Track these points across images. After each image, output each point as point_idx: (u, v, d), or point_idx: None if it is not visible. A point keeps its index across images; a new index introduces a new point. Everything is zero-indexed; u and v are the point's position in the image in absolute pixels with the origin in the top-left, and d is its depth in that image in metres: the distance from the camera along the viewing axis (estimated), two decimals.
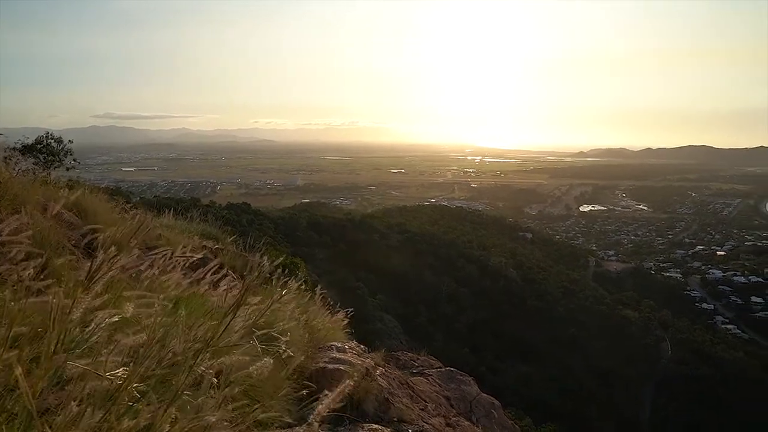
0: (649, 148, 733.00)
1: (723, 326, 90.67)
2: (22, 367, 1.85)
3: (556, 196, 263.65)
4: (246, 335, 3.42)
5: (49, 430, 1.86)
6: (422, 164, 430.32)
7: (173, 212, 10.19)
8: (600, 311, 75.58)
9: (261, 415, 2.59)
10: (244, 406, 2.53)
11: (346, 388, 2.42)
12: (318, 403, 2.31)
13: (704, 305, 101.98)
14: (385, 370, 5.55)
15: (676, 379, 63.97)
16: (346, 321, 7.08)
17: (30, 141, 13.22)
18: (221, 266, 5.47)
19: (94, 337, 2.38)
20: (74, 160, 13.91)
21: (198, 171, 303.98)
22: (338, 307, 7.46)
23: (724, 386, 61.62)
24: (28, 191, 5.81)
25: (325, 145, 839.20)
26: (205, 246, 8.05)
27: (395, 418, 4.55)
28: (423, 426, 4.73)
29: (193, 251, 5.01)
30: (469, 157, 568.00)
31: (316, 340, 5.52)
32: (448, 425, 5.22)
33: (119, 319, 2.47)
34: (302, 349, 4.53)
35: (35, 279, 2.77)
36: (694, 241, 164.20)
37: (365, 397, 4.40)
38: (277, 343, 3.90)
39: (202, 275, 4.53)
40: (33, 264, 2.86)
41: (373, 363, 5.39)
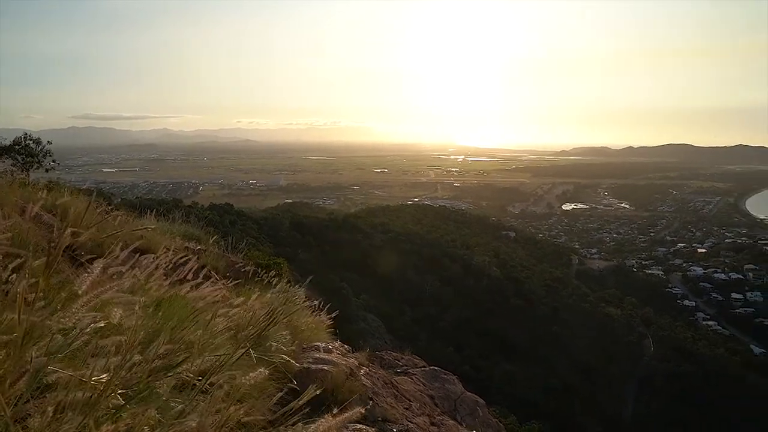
0: (630, 147, 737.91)
1: (704, 323, 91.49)
2: None
3: (538, 195, 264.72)
4: (229, 337, 3.40)
5: None
6: (405, 163, 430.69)
7: (155, 213, 10.11)
8: (583, 309, 75.98)
9: (245, 418, 2.58)
10: (228, 407, 2.51)
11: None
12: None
13: (686, 302, 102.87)
14: (370, 370, 5.54)
15: (659, 376, 64.44)
16: (329, 321, 7.07)
17: (7, 142, 13.06)
18: (204, 267, 5.43)
19: (77, 342, 2.35)
20: (53, 161, 13.79)
21: (180, 172, 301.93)
22: (322, 308, 7.44)
23: (705, 383, 62.14)
24: (6, 193, 5.73)
25: (308, 145, 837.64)
26: (187, 247, 8.01)
27: (380, 418, 4.55)
28: (407, 425, 4.73)
29: (176, 252, 4.97)
30: (452, 156, 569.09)
31: (300, 340, 5.50)
32: (433, 424, 5.22)
33: (104, 324, 2.44)
34: (286, 349, 4.50)
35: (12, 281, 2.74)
36: (675, 238, 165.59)
37: (349, 396, 4.38)
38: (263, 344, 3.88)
39: (185, 276, 4.50)
40: (11, 265, 2.83)
41: (357, 363, 5.39)
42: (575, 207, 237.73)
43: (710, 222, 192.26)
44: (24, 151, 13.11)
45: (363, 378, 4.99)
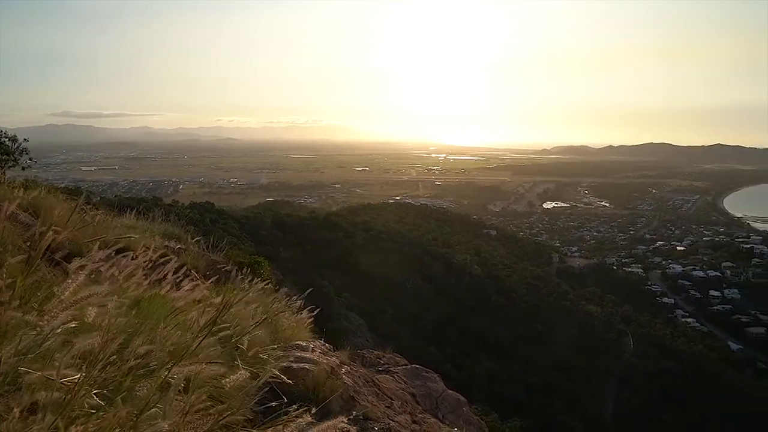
0: (610, 146, 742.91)
1: (683, 320, 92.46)
2: None
3: (519, 194, 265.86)
4: (209, 336, 3.37)
5: None
6: (386, 162, 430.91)
7: (135, 212, 10.02)
8: (564, 307, 76.43)
9: (228, 418, 2.55)
10: (208, 407, 2.49)
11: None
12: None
13: (665, 299, 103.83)
14: (351, 369, 5.53)
15: (639, 373, 64.99)
16: (310, 320, 7.05)
17: None
18: (184, 266, 5.39)
19: (48, 342, 2.31)
20: (30, 159, 13.60)
21: (160, 170, 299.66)
22: (303, 306, 7.42)
23: (684, 379, 62.76)
24: None
25: (289, 143, 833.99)
26: (167, 246, 7.94)
27: (361, 416, 4.54)
28: (389, 423, 4.72)
29: (156, 251, 4.93)
30: (433, 155, 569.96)
31: (281, 339, 5.48)
32: (414, 422, 5.22)
33: (77, 324, 2.41)
34: (267, 348, 4.48)
35: None
36: (654, 236, 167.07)
37: (331, 395, 4.37)
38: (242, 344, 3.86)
39: (164, 275, 4.46)
40: None
41: (338, 361, 5.37)
42: (556, 205, 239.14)
43: (689, 220, 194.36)
44: None
45: (344, 376, 4.97)
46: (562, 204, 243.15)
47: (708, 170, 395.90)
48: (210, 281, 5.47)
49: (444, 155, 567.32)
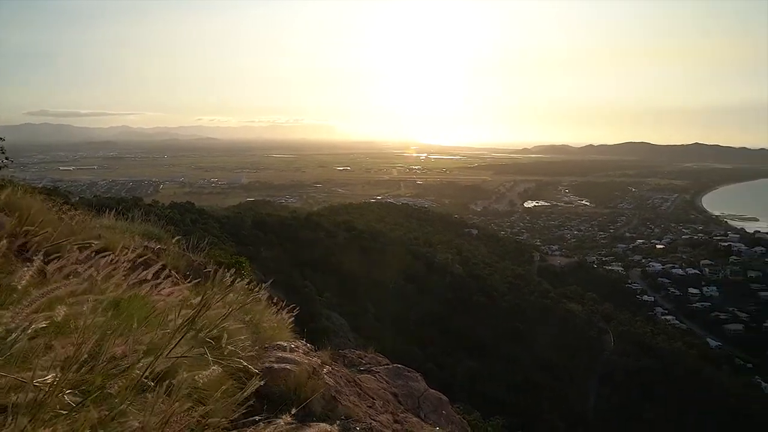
0: (590, 145, 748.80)
1: (663, 317, 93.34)
2: None
3: (500, 193, 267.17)
4: (190, 337, 3.34)
5: None
6: (368, 162, 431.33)
7: (114, 212, 9.92)
8: (545, 305, 76.70)
9: (208, 420, 2.53)
10: (189, 409, 2.47)
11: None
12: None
13: (645, 297, 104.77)
14: (332, 369, 5.52)
15: (619, 370, 65.43)
16: (292, 320, 7.03)
17: None
18: (164, 267, 5.35)
19: (18, 344, 2.27)
20: (6, 158, 13.40)
21: (140, 170, 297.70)
22: (285, 306, 7.40)
23: (664, 376, 63.30)
24: None
25: (270, 143, 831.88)
26: (147, 246, 7.88)
27: (343, 416, 4.53)
28: (371, 423, 4.72)
29: (135, 252, 4.89)
30: (415, 155, 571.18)
31: (262, 339, 5.46)
32: (396, 422, 5.22)
33: (48, 324, 2.37)
34: (248, 349, 4.46)
35: None
36: (634, 235, 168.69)
37: (312, 396, 4.35)
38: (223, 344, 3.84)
39: (144, 276, 4.42)
40: None
41: (320, 362, 5.36)
42: (537, 204, 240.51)
43: (668, 219, 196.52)
44: None
45: (326, 377, 4.96)
46: (543, 203, 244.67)
47: (687, 169, 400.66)
48: (190, 281, 5.44)
49: (425, 155, 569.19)
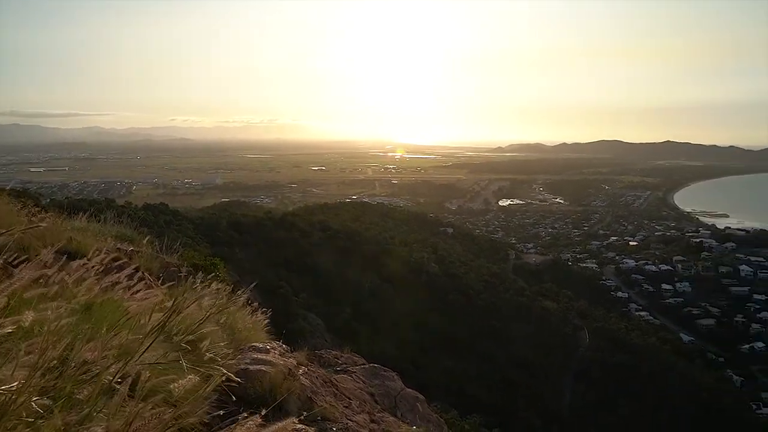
0: (564, 143, 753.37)
1: (637, 313, 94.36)
2: None
3: (475, 191, 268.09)
4: (164, 340, 3.32)
5: None
6: (342, 161, 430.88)
7: (86, 214, 9.82)
8: (520, 303, 77.12)
9: (181, 422, 2.51)
10: (163, 411, 2.44)
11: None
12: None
13: (619, 294, 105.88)
14: (308, 369, 5.50)
15: (595, 366, 66.03)
16: (267, 321, 7.00)
17: None
18: (137, 269, 5.30)
19: None
20: None
21: (112, 171, 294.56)
22: (260, 307, 7.36)
23: (638, 371, 64.01)
24: None
25: (244, 143, 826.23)
26: (119, 248, 7.81)
27: (319, 417, 4.52)
28: (347, 423, 4.71)
29: (108, 254, 4.84)
30: (390, 154, 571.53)
31: (237, 341, 5.42)
32: (373, 421, 5.22)
33: (15, 329, 2.33)
34: (223, 351, 4.43)
35: None
36: (608, 232, 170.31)
37: (288, 397, 4.34)
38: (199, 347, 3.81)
39: (116, 279, 4.38)
40: None
41: (295, 362, 5.34)
42: (511, 203, 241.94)
43: (641, 216, 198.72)
44: None
45: (302, 377, 4.94)
46: (518, 201, 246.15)
47: (659, 167, 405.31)
48: (164, 283, 5.39)
49: (400, 154, 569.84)
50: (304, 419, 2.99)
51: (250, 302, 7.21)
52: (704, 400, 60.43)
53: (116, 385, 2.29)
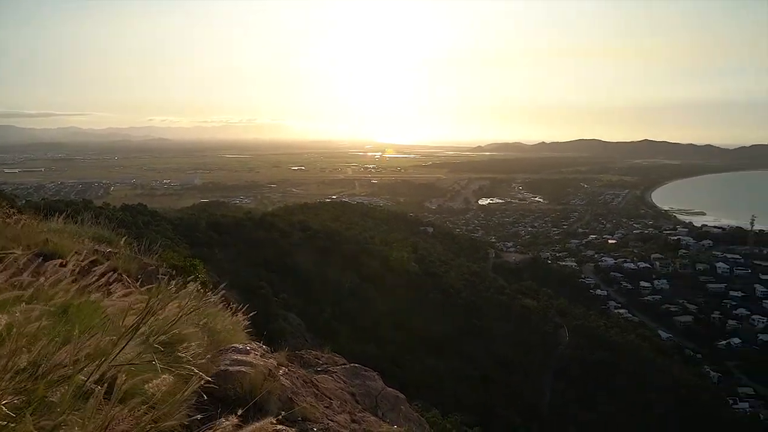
0: (543, 142, 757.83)
1: (616, 311, 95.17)
2: None
3: (455, 191, 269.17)
4: (139, 342, 3.28)
5: None
6: (322, 161, 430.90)
7: (63, 216, 9.71)
8: (501, 301, 77.41)
9: (159, 425, 2.49)
10: (142, 414, 2.42)
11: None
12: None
13: (598, 291, 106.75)
14: (289, 370, 5.48)
15: (575, 364, 66.45)
16: (247, 322, 6.96)
17: None
18: (115, 270, 5.25)
19: None
20: None
21: (89, 172, 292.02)
22: (240, 308, 7.32)
23: (618, 369, 64.53)
24: None
25: (223, 143, 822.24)
26: (97, 250, 7.74)
27: (300, 417, 4.50)
28: (328, 424, 4.70)
29: (85, 256, 4.79)
30: (370, 153, 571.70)
31: (217, 342, 5.39)
32: (354, 421, 5.21)
33: None
34: (202, 352, 4.40)
35: None
36: (587, 230, 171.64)
37: (268, 397, 4.32)
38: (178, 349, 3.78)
39: (94, 280, 4.33)
40: None
41: (275, 363, 5.32)
42: (491, 202, 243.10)
43: (619, 214, 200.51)
44: None
45: (282, 378, 4.92)
46: (498, 200, 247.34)
47: (637, 165, 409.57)
48: (142, 285, 5.34)
49: (380, 153, 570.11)
50: (284, 419, 2.98)
51: (230, 303, 7.18)
52: (682, 397, 61.06)
53: (92, 387, 2.26)
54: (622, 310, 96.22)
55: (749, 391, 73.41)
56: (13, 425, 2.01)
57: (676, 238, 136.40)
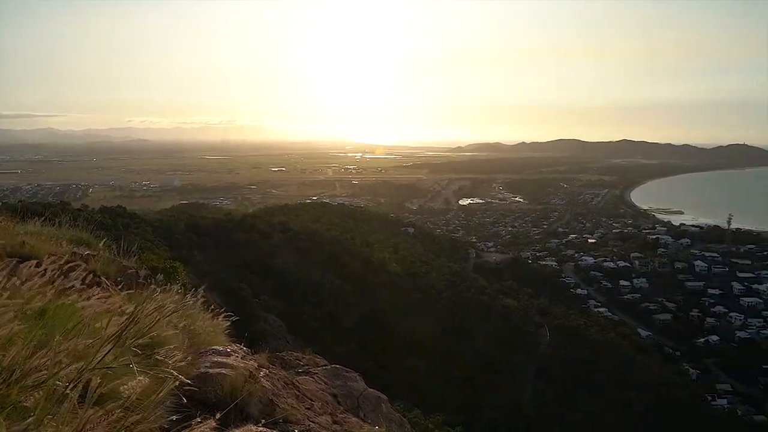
0: (523, 142, 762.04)
1: (596, 310, 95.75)
2: None
3: (436, 191, 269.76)
4: (119, 345, 3.24)
5: None
6: (302, 162, 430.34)
7: (40, 218, 9.61)
8: (482, 301, 77.61)
9: (137, 428, 2.46)
10: (117, 418, 2.39)
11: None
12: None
13: (578, 290, 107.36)
14: (270, 372, 5.46)
15: (555, 363, 66.78)
16: (228, 324, 6.92)
17: None
18: (93, 273, 5.20)
19: None
20: None
21: (67, 173, 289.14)
22: (221, 310, 7.28)
23: (598, 367, 64.94)
24: None
25: (203, 144, 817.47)
26: (75, 252, 7.66)
27: (281, 419, 4.48)
28: (309, 425, 4.69)
29: (63, 258, 4.74)
30: (350, 154, 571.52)
31: (197, 345, 5.35)
32: (335, 422, 5.20)
33: None
34: (183, 355, 4.37)
35: None
36: (567, 230, 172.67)
37: (249, 399, 4.30)
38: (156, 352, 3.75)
39: (72, 283, 4.28)
40: None
41: (256, 365, 5.29)
42: (472, 202, 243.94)
43: (599, 213, 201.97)
44: None
45: (263, 380, 4.90)
46: (478, 200, 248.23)
47: (616, 165, 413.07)
48: (122, 288, 5.29)
49: (360, 154, 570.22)
50: (265, 422, 2.96)
51: (210, 305, 7.13)
52: (662, 394, 61.55)
53: (67, 392, 2.23)
54: (602, 309, 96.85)
55: (727, 387, 74.37)
56: None
57: (654, 237, 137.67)
